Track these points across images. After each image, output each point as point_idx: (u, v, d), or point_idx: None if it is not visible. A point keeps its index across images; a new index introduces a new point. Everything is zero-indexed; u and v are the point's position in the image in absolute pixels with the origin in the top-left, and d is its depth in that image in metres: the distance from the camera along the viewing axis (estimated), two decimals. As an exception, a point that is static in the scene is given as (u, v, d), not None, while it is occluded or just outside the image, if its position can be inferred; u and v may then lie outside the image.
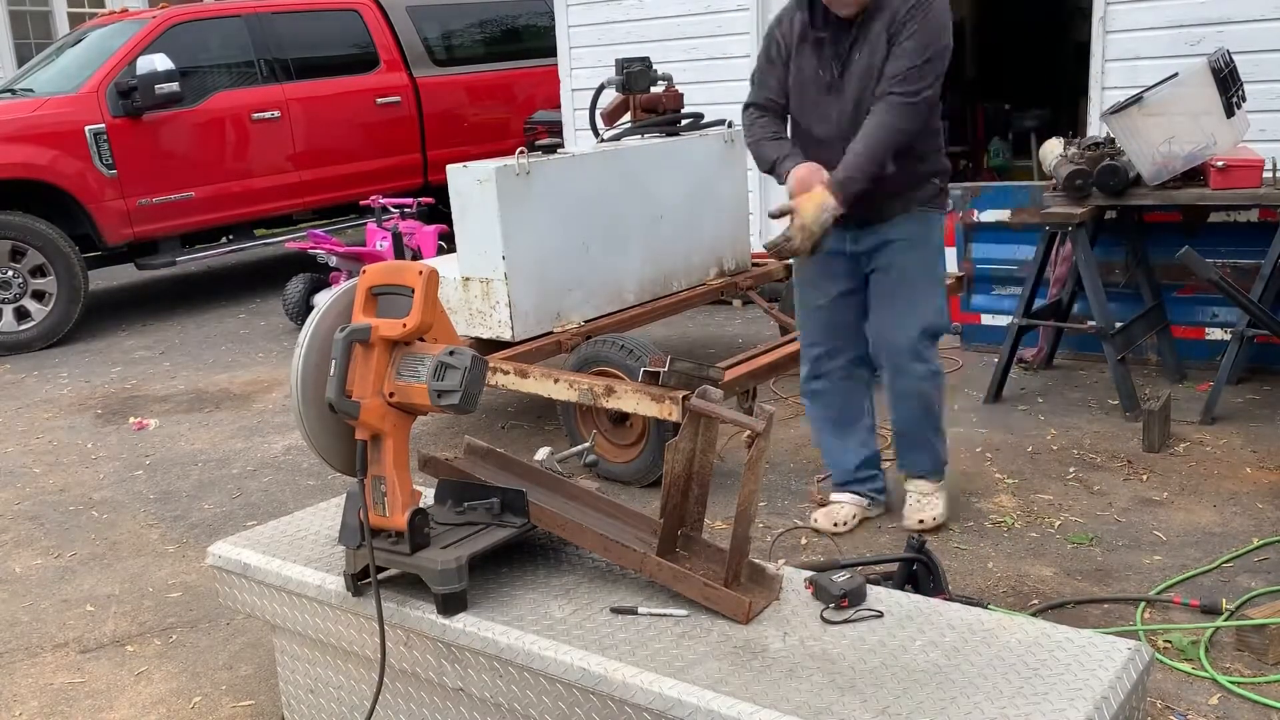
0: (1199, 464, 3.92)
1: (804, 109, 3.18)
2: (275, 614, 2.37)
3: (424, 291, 2.01)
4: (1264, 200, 4.26)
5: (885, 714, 1.66)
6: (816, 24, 3.07)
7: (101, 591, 3.46)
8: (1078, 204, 4.45)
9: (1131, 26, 5.49)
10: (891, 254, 3.26)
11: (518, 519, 2.15)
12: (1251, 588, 3.00)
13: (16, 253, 6.73)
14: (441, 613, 2.04)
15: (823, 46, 3.08)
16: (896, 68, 2.97)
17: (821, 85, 3.11)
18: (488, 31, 9.19)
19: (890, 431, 3.63)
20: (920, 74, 2.98)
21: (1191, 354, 4.93)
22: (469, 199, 4.12)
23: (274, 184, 7.83)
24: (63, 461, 4.73)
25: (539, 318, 4.29)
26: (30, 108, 7.01)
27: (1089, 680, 1.73)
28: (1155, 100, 4.26)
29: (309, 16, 8.14)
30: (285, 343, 6.57)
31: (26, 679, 2.97)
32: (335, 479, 4.13)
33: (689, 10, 6.95)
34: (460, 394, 1.97)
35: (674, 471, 2.09)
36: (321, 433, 2.11)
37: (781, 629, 1.93)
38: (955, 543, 3.42)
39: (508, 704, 1.98)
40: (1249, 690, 2.55)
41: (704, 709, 1.71)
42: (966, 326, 5.61)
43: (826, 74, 3.09)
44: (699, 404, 2.04)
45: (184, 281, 8.95)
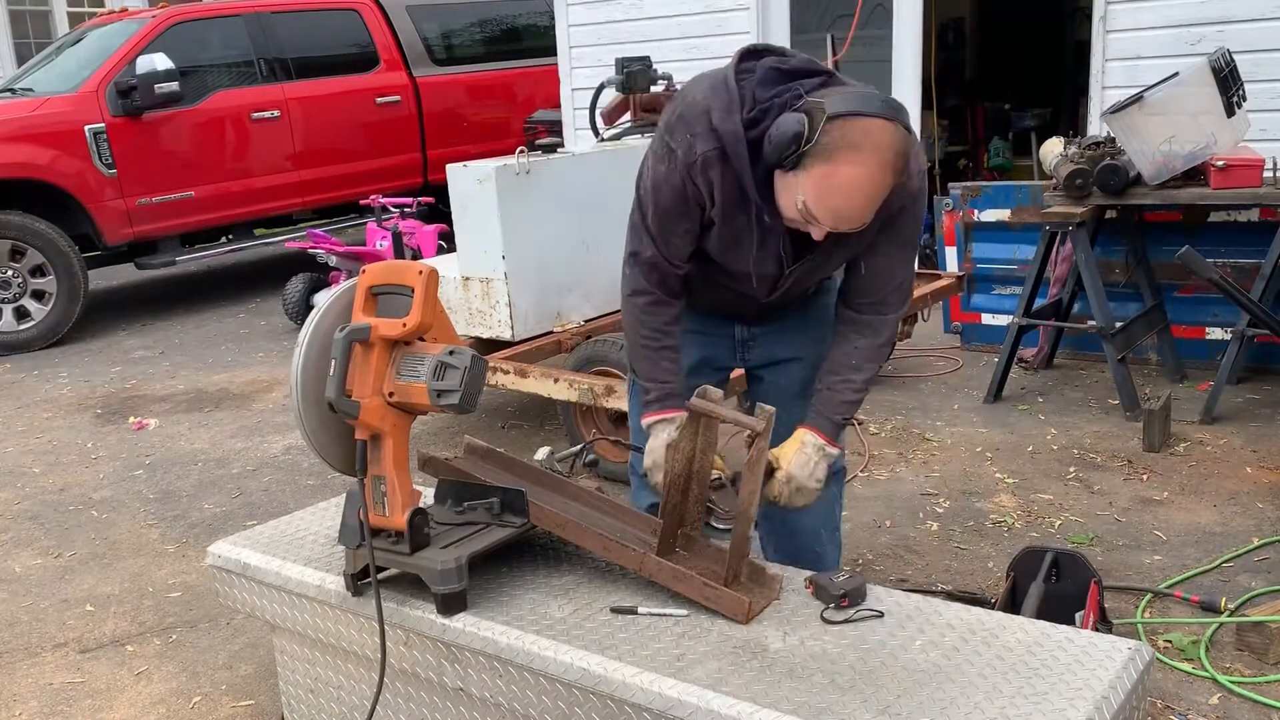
0: (1199, 464, 3.92)
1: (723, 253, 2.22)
2: (275, 614, 2.37)
3: (424, 291, 2.00)
4: (1264, 200, 4.26)
5: (885, 714, 1.66)
6: (767, 214, 2.07)
7: (101, 591, 3.46)
8: (1078, 203, 4.45)
9: (1132, 26, 5.49)
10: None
11: (518, 519, 2.14)
12: (1251, 587, 3.00)
13: (16, 252, 6.73)
14: (441, 612, 2.03)
15: (771, 235, 2.13)
16: (895, 270, 2.23)
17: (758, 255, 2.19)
18: (488, 31, 9.19)
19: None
20: (912, 275, 2.34)
21: (1191, 354, 4.93)
22: (469, 198, 4.12)
23: (274, 183, 7.83)
24: (62, 461, 4.73)
25: (539, 317, 4.29)
26: (30, 107, 7.00)
27: (1089, 680, 1.73)
28: (1155, 100, 4.26)
29: (309, 16, 8.13)
30: (285, 342, 6.56)
31: (26, 679, 2.96)
32: (335, 479, 4.13)
33: (689, 10, 6.95)
34: (460, 394, 1.96)
35: (674, 471, 2.09)
36: (321, 432, 2.11)
37: (781, 629, 1.93)
38: (955, 543, 3.42)
39: (507, 704, 1.98)
40: (1249, 690, 2.55)
41: (704, 709, 1.71)
42: (966, 326, 5.61)
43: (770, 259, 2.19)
44: (699, 404, 2.03)
45: (184, 281, 8.95)
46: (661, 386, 2.26)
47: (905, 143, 1.92)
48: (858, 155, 1.87)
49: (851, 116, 1.88)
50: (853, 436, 4.38)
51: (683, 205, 2.13)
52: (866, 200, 1.93)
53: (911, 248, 2.23)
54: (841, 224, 1.97)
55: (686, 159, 2.06)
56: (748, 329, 2.47)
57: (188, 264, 8.62)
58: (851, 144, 1.87)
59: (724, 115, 2.01)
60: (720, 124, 2.01)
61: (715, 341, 2.47)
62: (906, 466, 4.07)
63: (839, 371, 2.25)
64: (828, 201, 1.93)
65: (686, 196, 2.11)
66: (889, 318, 2.26)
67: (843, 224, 1.97)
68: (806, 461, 2.20)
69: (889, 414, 4.64)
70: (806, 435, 2.22)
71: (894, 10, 6.45)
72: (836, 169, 1.89)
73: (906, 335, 5.07)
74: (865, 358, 2.25)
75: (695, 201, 2.12)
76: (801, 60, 2.06)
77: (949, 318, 5.73)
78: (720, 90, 2.03)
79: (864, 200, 1.93)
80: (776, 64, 2.04)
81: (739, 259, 2.19)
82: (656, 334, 2.26)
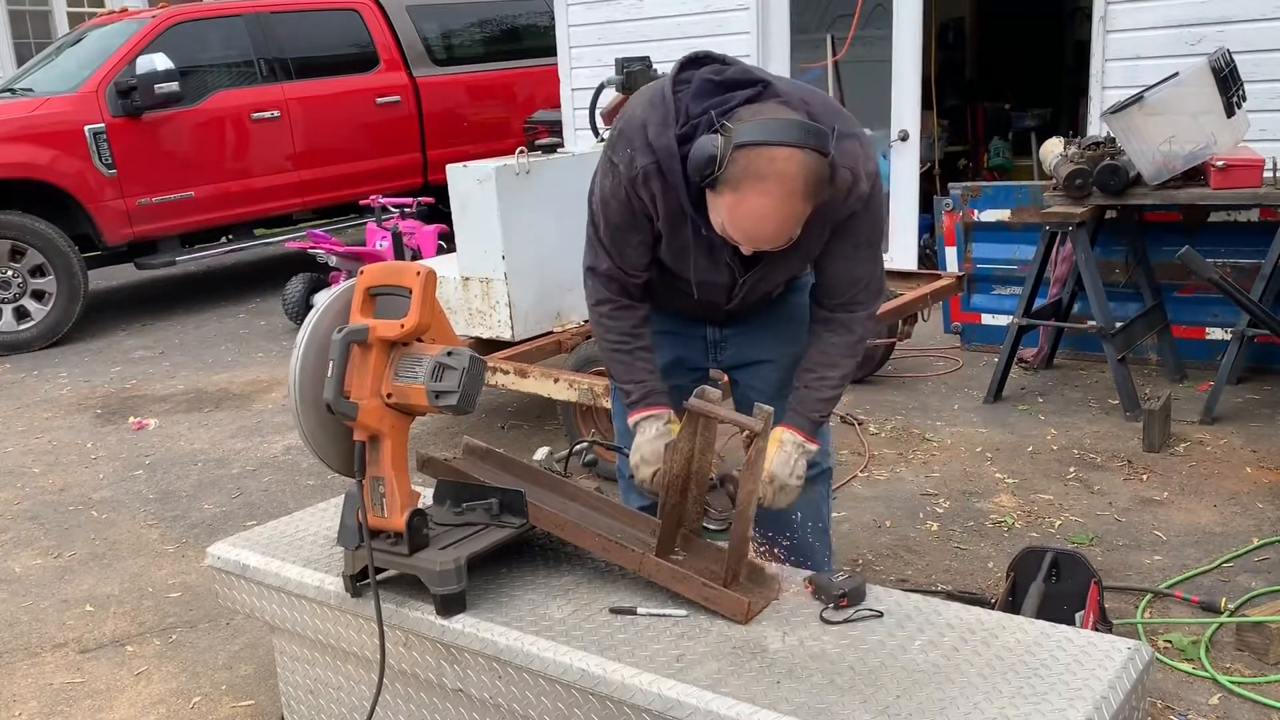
0: (1199, 464, 3.92)
1: (675, 262, 2.24)
2: (274, 615, 2.37)
3: (422, 292, 2.00)
4: (1264, 200, 4.25)
5: (885, 714, 1.66)
6: (704, 227, 2.07)
7: (101, 591, 3.46)
8: (1078, 203, 4.45)
9: (1132, 26, 5.48)
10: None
11: (517, 519, 2.14)
12: (1251, 587, 3.00)
13: (16, 252, 6.73)
14: (440, 614, 2.03)
15: (714, 247, 2.15)
16: (858, 272, 2.22)
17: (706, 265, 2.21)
18: (488, 31, 9.19)
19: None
20: (880, 270, 2.29)
21: (1191, 354, 4.93)
22: (469, 199, 4.12)
23: (274, 184, 7.83)
24: (62, 461, 4.73)
25: (539, 317, 4.29)
26: (30, 107, 7.00)
27: (1089, 680, 1.72)
28: (1155, 100, 4.26)
29: (309, 16, 8.13)
30: (285, 343, 6.56)
31: (26, 679, 2.96)
32: (335, 479, 4.12)
33: (689, 10, 6.95)
34: (458, 394, 1.96)
35: (673, 471, 2.09)
36: (320, 433, 2.11)
37: (781, 629, 1.93)
38: (955, 543, 3.42)
39: (507, 705, 1.98)
40: (1249, 690, 2.54)
41: (703, 709, 1.71)
42: (966, 326, 5.61)
43: (720, 269, 2.21)
44: (698, 404, 2.03)
45: (184, 281, 8.95)
46: (641, 386, 2.28)
47: (816, 169, 1.90)
48: (762, 185, 1.88)
49: (757, 146, 1.87)
50: (853, 436, 4.38)
51: (631, 218, 2.15)
52: (775, 225, 1.93)
53: (871, 246, 2.23)
54: (758, 245, 1.99)
55: (628, 173, 2.08)
56: (719, 330, 2.48)
57: (188, 264, 8.62)
58: (756, 173, 1.88)
59: (659, 130, 2.03)
60: (655, 139, 2.03)
61: (687, 342, 2.48)
62: (906, 466, 4.07)
63: (815, 369, 2.26)
64: (739, 226, 1.95)
65: (633, 209, 2.13)
66: (859, 315, 2.27)
67: (759, 245, 1.99)
68: (787, 460, 2.21)
69: (889, 414, 4.64)
70: (785, 434, 2.23)
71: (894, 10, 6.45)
72: (743, 197, 1.90)
73: (906, 335, 5.07)
74: (840, 354, 2.26)
75: (642, 213, 2.14)
76: (737, 71, 2.06)
77: (949, 318, 5.73)
78: (657, 104, 2.05)
79: (773, 225, 1.93)
80: (711, 75, 2.04)
81: (690, 268, 2.21)
82: (626, 337, 2.29)
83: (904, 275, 5.25)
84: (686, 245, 2.16)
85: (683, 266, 2.22)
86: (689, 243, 2.15)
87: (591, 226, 2.26)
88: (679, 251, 2.19)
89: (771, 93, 2.01)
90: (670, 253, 2.21)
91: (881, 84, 6.61)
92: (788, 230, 1.95)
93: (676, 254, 2.20)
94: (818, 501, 2.56)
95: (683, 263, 2.21)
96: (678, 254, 2.20)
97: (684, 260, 2.20)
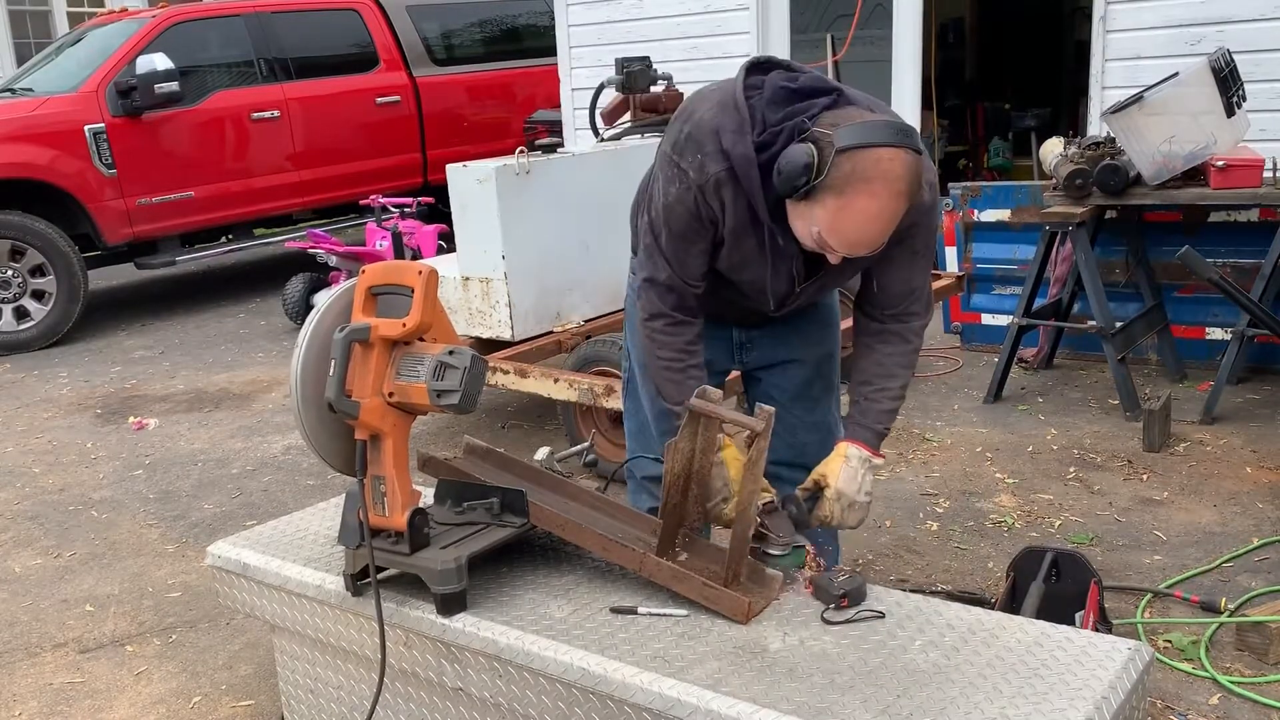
0: (1199, 464, 3.92)
1: (733, 270, 2.21)
2: (275, 614, 2.37)
3: (423, 291, 2.00)
4: (1264, 200, 4.26)
5: (885, 714, 1.66)
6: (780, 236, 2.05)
7: (101, 591, 3.46)
8: (1078, 203, 4.45)
9: (1132, 26, 5.49)
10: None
11: (517, 519, 2.14)
12: (1251, 587, 3.00)
13: (16, 252, 6.73)
14: (441, 613, 2.03)
15: (784, 256, 2.12)
16: (915, 281, 2.21)
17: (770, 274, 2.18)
18: (488, 31, 9.19)
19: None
20: (930, 282, 2.29)
21: (1191, 354, 4.93)
22: (469, 198, 4.12)
23: (274, 183, 7.83)
24: (62, 461, 4.73)
25: (539, 317, 4.29)
26: (30, 107, 7.00)
27: (1089, 680, 1.73)
28: (1155, 100, 4.26)
29: (308, 16, 8.13)
30: (285, 342, 6.56)
31: (26, 679, 2.96)
32: (335, 479, 4.13)
33: (689, 10, 6.95)
34: (460, 394, 1.96)
35: (673, 471, 2.08)
36: (321, 433, 2.11)
37: (781, 629, 1.93)
38: (955, 543, 3.42)
39: (507, 704, 1.98)
40: (1249, 690, 2.55)
41: (704, 709, 1.71)
42: (966, 326, 5.61)
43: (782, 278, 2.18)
44: (698, 404, 2.03)
45: (184, 281, 8.95)
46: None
47: (916, 167, 1.90)
48: (869, 187, 1.86)
49: (862, 149, 1.85)
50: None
51: (697, 226, 2.09)
52: (881, 228, 1.92)
53: (926, 257, 2.21)
54: (857, 250, 1.96)
55: (699, 179, 2.02)
56: (745, 332, 2.46)
57: (188, 264, 8.61)
58: (863, 177, 1.85)
59: (735, 137, 1.98)
60: (731, 146, 1.98)
61: (712, 344, 2.44)
62: (906, 466, 4.07)
63: (873, 381, 2.21)
64: (842, 232, 1.91)
65: (700, 217, 2.07)
66: (913, 325, 2.23)
67: (858, 250, 1.96)
68: (853, 476, 2.15)
69: (889, 414, 4.63)
70: (850, 449, 2.17)
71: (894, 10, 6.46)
72: (850, 201, 1.87)
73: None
74: (897, 364, 2.22)
75: (709, 220, 2.08)
76: (810, 78, 2.03)
77: (949, 318, 5.73)
78: (730, 110, 2.00)
79: (879, 229, 1.91)
80: (785, 82, 2.00)
81: (750, 277, 2.16)
82: (680, 354, 2.22)
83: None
84: (751, 253, 2.11)
85: (743, 276, 2.17)
86: (755, 251, 2.10)
87: (649, 236, 2.16)
88: (739, 262, 2.14)
89: (846, 100, 1.99)
90: (729, 262, 2.15)
91: (881, 84, 6.61)
92: (889, 231, 1.93)
93: (735, 264, 2.15)
94: None
95: (744, 272, 2.16)
96: (736, 264, 2.15)
97: (743, 270, 2.15)
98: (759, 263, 2.12)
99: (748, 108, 1.99)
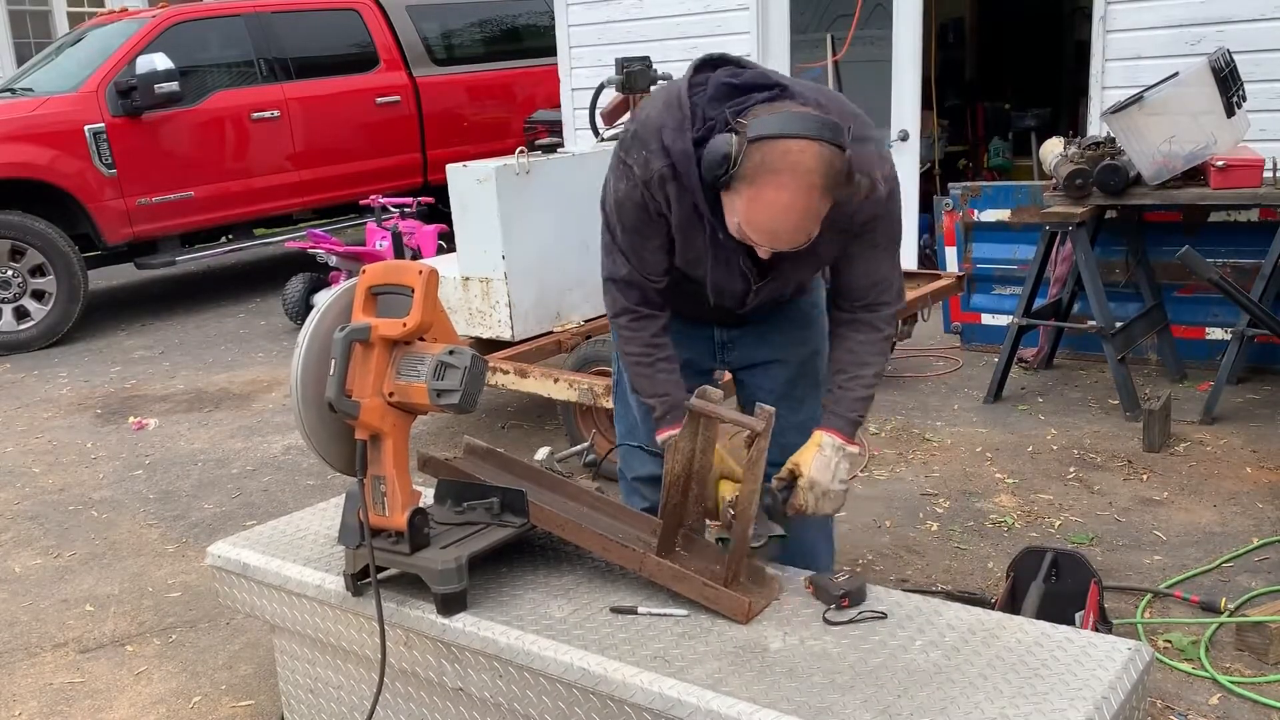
0: (1199, 464, 3.92)
1: (690, 267, 2.21)
2: (275, 614, 2.37)
3: (424, 291, 2.00)
4: (1264, 200, 4.26)
5: (885, 714, 1.66)
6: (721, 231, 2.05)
7: (101, 591, 3.46)
8: (1078, 203, 4.45)
9: (1132, 26, 5.48)
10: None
11: (518, 519, 2.14)
12: (1251, 588, 3.00)
13: (16, 252, 6.72)
14: (441, 613, 2.03)
15: (730, 252, 2.12)
16: (879, 273, 2.20)
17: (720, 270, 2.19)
18: (488, 31, 9.19)
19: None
20: (899, 272, 2.27)
21: (1191, 354, 4.93)
22: (469, 198, 4.12)
23: (274, 183, 7.83)
24: (62, 461, 4.73)
25: (539, 317, 4.29)
26: (30, 107, 7.00)
27: (1089, 680, 1.73)
28: (1156, 100, 4.26)
29: (308, 16, 8.13)
30: (285, 342, 6.56)
31: (26, 679, 2.96)
32: (335, 479, 4.13)
33: (689, 10, 6.95)
34: (460, 393, 1.96)
35: (674, 471, 2.08)
36: (321, 432, 2.11)
37: (781, 629, 1.93)
38: (955, 543, 3.42)
39: (507, 704, 1.98)
40: (1249, 690, 2.55)
41: (704, 709, 1.71)
42: (966, 326, 5.61)
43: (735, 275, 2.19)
44: (699, 404, 2.03)
45: (184, 281, 8.95)
46: (665, 400, 2.22)
47: (833, 162, 1.87)
48: (777, 178, 1.85)
49: (771, 139, 1.85)
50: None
51: (647, 219, 2.11)
52: (795, 221, 1.90)
53: (891, 249, 2.19)
54: (777, 244, 1.95)
55: (644, 175, 2.05)
56: (726, 332, 2.46)
57: (188, 264, 8.62)
58: (771, 168, 1.85)
59: (675, 134, 2.01)
60: (671, 143, 2.01)
61: (694, 344, 2.45)
62: (906, 466, 4.07)
63: (846, 369, 2.22)
64: (756, 223, 1.92)
65: (649, 212, 2.10)
66: (884, 313, 2.23)
67: (778, 244, 1.95)
68: (827, 464, 2.14)
69: (889, 414, 4.64)
70: (824, 437, 2.16)
71: (894, 10, 6.45)
72: (760, 192, 1.87)
73: (906, 335, 5.07)
74: (869, 352, 2.22)
75: (657, 214, 2.10)
76: (754, 74, 2.04)
77: (949, 318, 5.73)
78: (673, 108, 2.03)
79: (793, 220, 1.90)
80: (728, 78, 2.02)
81: (704, 273, 2.18)
82: (648, 349, 2.24)
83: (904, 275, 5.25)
84: (702, 251, 2.13)
85: (698, 273, 2.18)
86: (704, 248, 2.12)
87: (608, 233, 2.21)
88: (694, 258, 2.16)
89: (788, 94, 1.99)
90: (685, 259, 2.17)
91: (881, 84, 6.61)
92: (806, 227, 1.92)
93: (691, 261, 2.17)
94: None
95: (698, 269, 2.17)
96: (692, 261, 2.17)
97: (699, 267, 2.17)
98: (709, 259, 2.14)
99: (690, 105, 2.01)
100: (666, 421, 2.21)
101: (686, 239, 2.13)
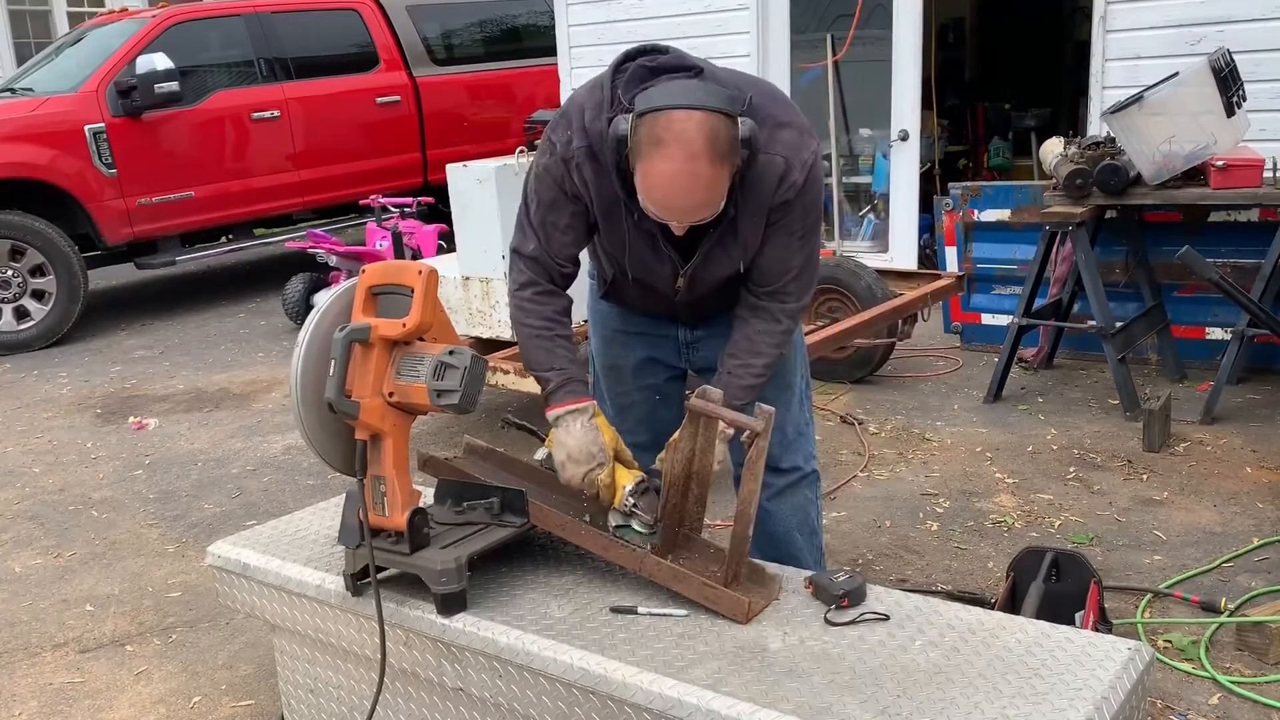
0: (1199, 464, 3.92)
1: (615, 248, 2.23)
2: (275, 614, 2.37)
3: (424, 291, 2.00)
4: (1264, 200, 4.26)
5: (885, 714, 1.66)
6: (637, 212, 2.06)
7: (101, 591, 3.46)
8: (1078, 203, 4.45)
9: (1132, 26, 5.49)
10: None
11: (517, 519, 2.14)
12: (1251, 587, 3.00)
13: (16, 252, 6.72)
14: (441, 613, 2.03)
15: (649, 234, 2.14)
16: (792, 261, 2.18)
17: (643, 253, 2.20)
18: (488, 31, 9.19)
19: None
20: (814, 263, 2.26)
21: (1191, 354, 4.93)
22: (469, 198, 4.12)
23: (274, 183, 7.83)
24: (62, 461, 4.73)
25: (539, 317, 4.28)
26: (30, 107, 7.00)
27: (1089, 680, 1.73)
28: (1156, 100, 4.26)
29: (308, 16, 8.13)
30: (285, 342, 6.56)
31: (26, 679, 2.96)
32: (335, 479, 4.12)
33: (689, 10, 6.95)
34: (460, 394, 1.96)
35: (673, 471, 2.09)
36: (321, 433, 2.11)
37: (781, 629, 1.93)
38: (955, 543, 3.42)
39: (507, 704, 1.98)
40: (1249, 690, 2.55)
41: (704, 709, 1.71)
42: (966, 326, 5.61)
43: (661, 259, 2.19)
44: (698, 404, 2.03)
45: (184, 281, 8.95)
46: (561, 373, 2.20)
47: (718, 129, 1.88)
48: (663, 150, 1.88)
49: (653, 112, 1.89)
50: (853, 436, 4.38)
51: (561, 197, 2.14)
52: (685, 188, 1.91)
53: (807, 240, 2.19)
54: (676, 216, 1.97)
55: (564, 153, 2.09)
56: (690, 331, 2.46)
57: (188, 264, 8.62)
58: (656, 139, 1.88)
59: (594, 114, 2.05)
60: (589, 124, 2.05)
61: (659, 343, 2.47)
62: (906, 466, 4.07)
63: (739, 356, 2.23)
64: (651, 195, 1.94)
65: (564, 189, 2.13)
66: (788, 307, 2.24)
67: (677, 216, 1.97)
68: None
69: (889, 414, 4.64)
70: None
71: (894, 10, 6.46)
72: (650, 165, 1.90)
73: (906, 335, 5.07)
74: (766, 343, 2.23)
75: (573, 194, 2.12)
76: (673, 58, 2.06)
77: (949, 318, 5.73)
78: (595, 90, 2.08)
79: (682, 189, 1.91)
80: (646, 62, 2.05)
81: (630, 257, 2.20)
82: (549, 323, 2.24)
83: (904, 275, 5.26)
84: (622, 233, 2.16)
85: (623, 256, 2.20)
86: (624, 231, 2.15)
87: (524, 208, 2.24)
88: (618, 241, 2.18)
89: (707, 76, 2.02)
90: (610, 242, 2.21)
91: (881, 84, 6.61)
92: (701, 196, 1.93)
93: (616, 243, 2.19)
94: (805, 506, 2.54)
95: (622, 253, 2.20)
96: (617, 244, 2.19)
97: (623, 251, 2.19)
98: (633, 241, 2.16)
99: (610, 87, 2.05)
100: (560, 396, 2.19)
101: (609, 221, 2.15)
